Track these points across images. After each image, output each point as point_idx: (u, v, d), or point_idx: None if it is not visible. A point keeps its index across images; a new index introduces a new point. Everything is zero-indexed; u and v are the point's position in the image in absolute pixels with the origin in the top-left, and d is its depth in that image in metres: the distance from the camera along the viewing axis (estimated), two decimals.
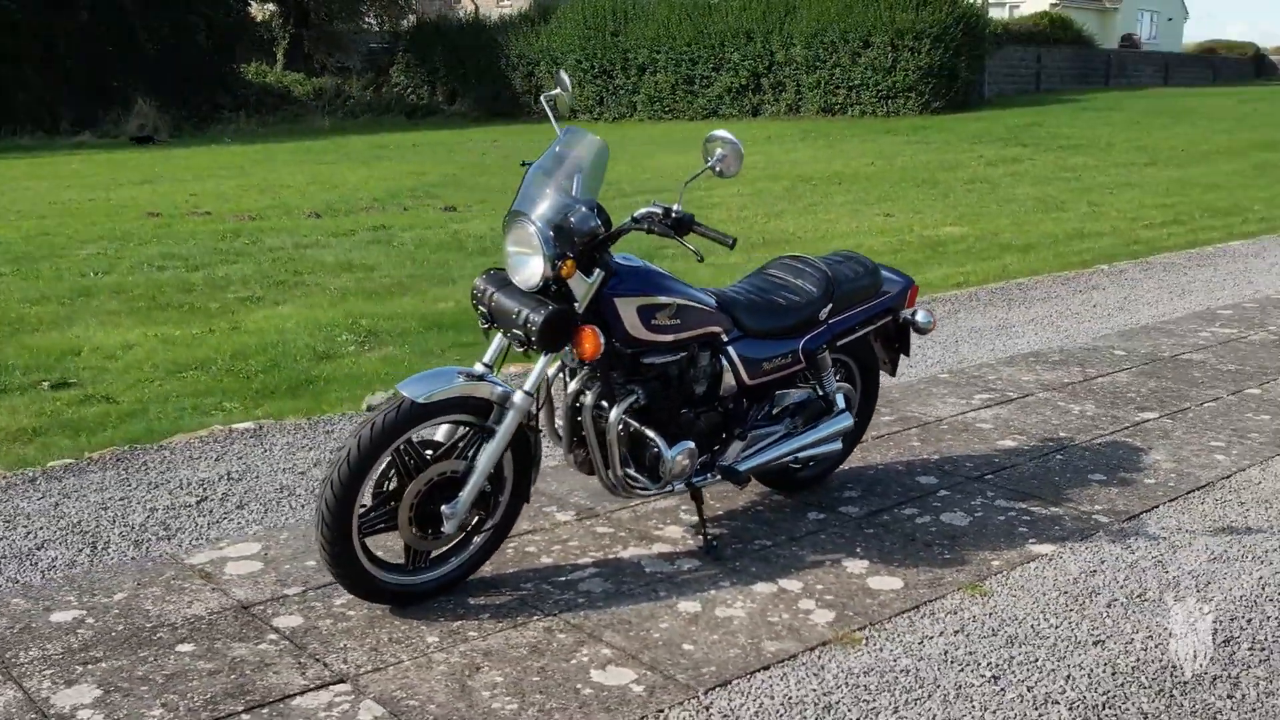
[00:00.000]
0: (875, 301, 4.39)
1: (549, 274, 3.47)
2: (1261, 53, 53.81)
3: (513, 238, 3.55)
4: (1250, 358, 6.56)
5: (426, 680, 3.17)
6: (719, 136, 3.62)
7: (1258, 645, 3.35)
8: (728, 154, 3.60)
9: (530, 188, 3.59)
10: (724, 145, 3.60)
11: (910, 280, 4.56)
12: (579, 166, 3.61)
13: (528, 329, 3.48)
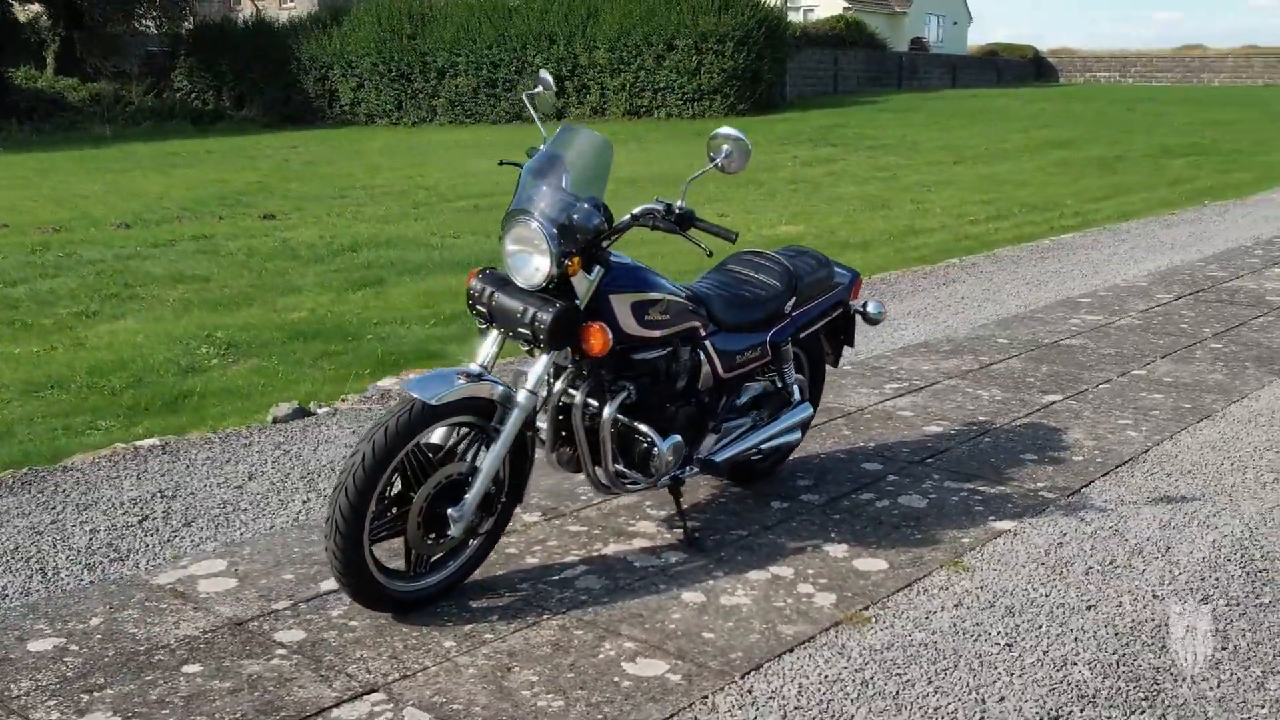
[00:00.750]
0: (831, 294, 4.62)
1: (554, 272, 3.54)
2: (1040, 55, 57.50)
3: (514, 236, 3.60)
4: (1123, 342, 7.12)
5: (461, 684, 3.20)
6: (724, 134, 3.77)
7: (1233, 601, 3.71)
8: (734, 150, 3.75)
9: (529, 186, 3.66)
10: (730, 142, 3.75)
11: (856, 273, 4.81)
12: (579, 163, 3.70)
13: (536, 328, 3.54)
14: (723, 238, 3.76)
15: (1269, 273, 9.46)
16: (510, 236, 3.61)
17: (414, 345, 7.37)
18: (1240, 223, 12.40)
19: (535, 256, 3.56)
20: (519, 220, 3.57)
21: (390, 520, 3.51)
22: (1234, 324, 7.54)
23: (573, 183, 3.65)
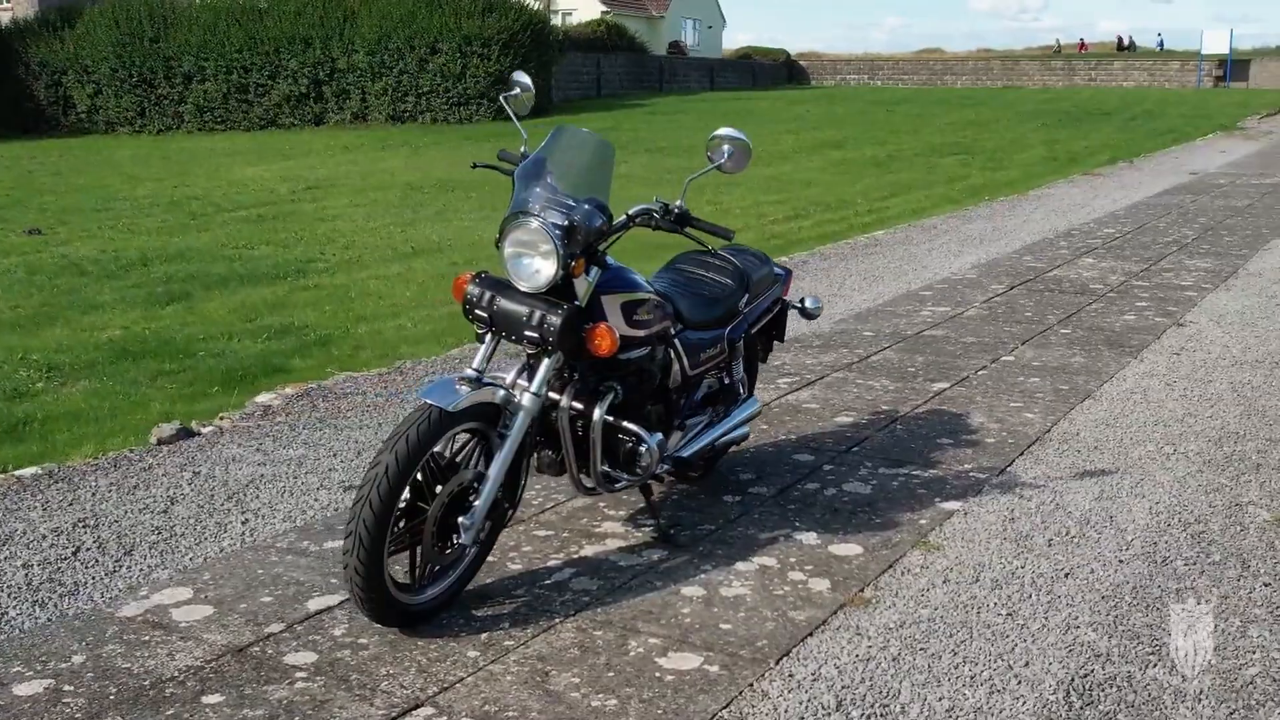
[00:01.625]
0: (772, 290, 4.83)
1: (560, 274, 3.60)
2: (791, 58, 59.96)
3: (517, 239, 3.62)
4: (980, 331, 7.64)
5: (505, 691, 3.23)
6: (725, 135, 3.90)
7: (1188, 560, 4.11)
8: (736, 150, 3.88)
9: (527, 188, 3.69)
10: (731, 143, 3.89)
11: (788, 270, 5.04)
12: (577, 164, 3.76)
13: (546, 331, 3.58)
14: (720, 235, 3.89)
15: (1081, 262, 10.28)
16: (512, 239, 3.63)
17: (255, 360, 7.19)
18: (1033, 217, 13.37)
19: (540, 259, 3.60)
20: (522, 222, 3.60)
21: (402, 532, 3.49)
22: (1072, 311, 8.18)
23: (571, 184, 3.71)
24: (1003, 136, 25.83)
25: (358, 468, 5.02)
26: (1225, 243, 11.27)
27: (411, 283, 9.86)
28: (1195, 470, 4.93)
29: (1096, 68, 54.58)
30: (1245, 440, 5.33)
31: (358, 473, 4.95)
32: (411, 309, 8.71)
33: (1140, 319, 7.89)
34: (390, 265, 10.98)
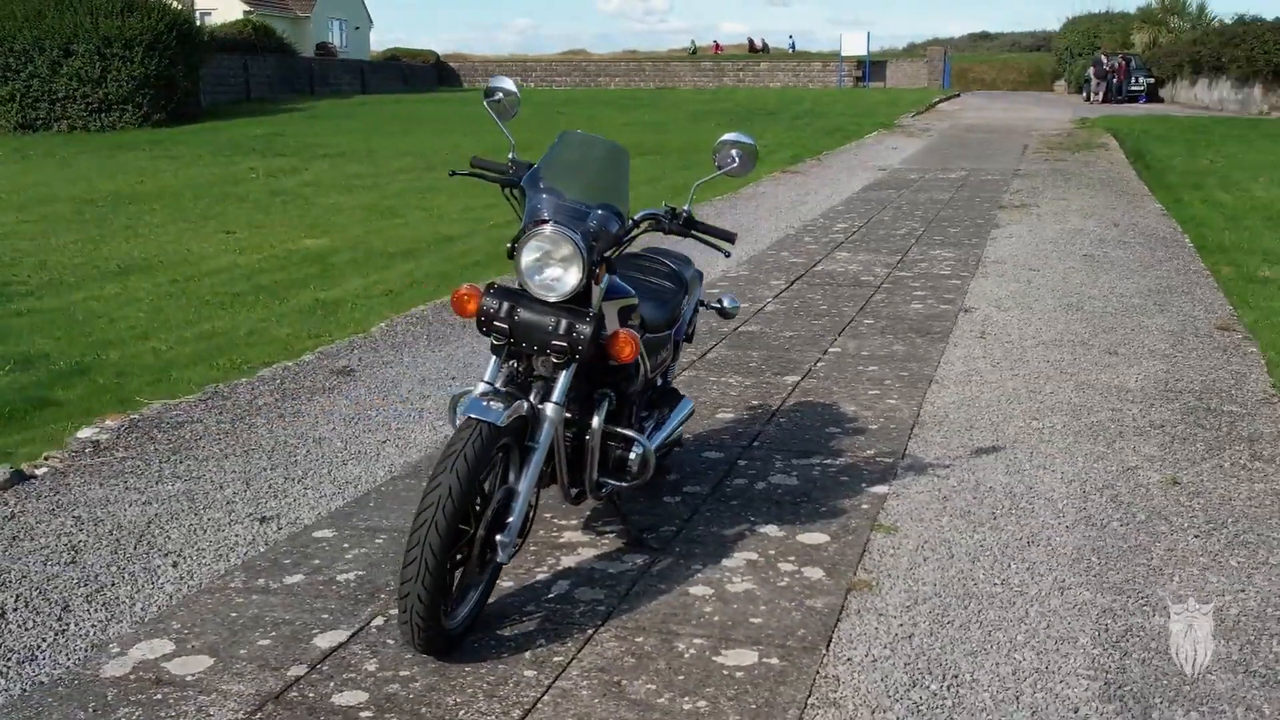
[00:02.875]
0: (698, 290, 4.99)
1: (584, 282, 3.63)
2: (441, 60, 59.88)
3: (540, 248, 3.61)
4: (790, 325, 8.07)
5: (591, 706, 3.26)
6: (731, 140, 4.01)
7: (1122, 522, 4.60)
8: (744, 155, 4.00)
9: (542, 197, 3.69)
10: (739, 147, 4.00)
11: (700, 270, 5.22)
12: (591, 170, 3.79)
13: (575, 340, 3.59)
14: (723, 238, 4.01)
15: (838, 256, 10.99)
16: (533, 248, 3.61)
17: (7, 394, 6.61)
18: (760, 215, 14.09)
19: (564, 267, 3.60)
20: (544, 231, 3.59)
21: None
22: (860, 302, 8.78)
23: (585, 190, 3.73)
24: (683, 137, 26.88)
25: (259, 498, 4.82)
26: (952, 234, 12.31)
27: (139, 303, 9.28)
28: (1072, 442, 5.47)
29: (744, 69, 57.64)
30: (1095, 412, 5.95)
31: (264, 504, 4.75)
32: (158, 331, 8.22)
33: (928, 307, 8.56)
34: (103, 285, 10.29)
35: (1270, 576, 4.09)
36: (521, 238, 3.63)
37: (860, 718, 3.22)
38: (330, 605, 3.85)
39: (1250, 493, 4.85)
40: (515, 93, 4.07)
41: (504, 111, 4.04)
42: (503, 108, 4.04)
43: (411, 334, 7.72)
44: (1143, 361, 6.95)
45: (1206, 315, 8.28)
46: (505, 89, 4.06)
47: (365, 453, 5.40)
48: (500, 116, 4.04)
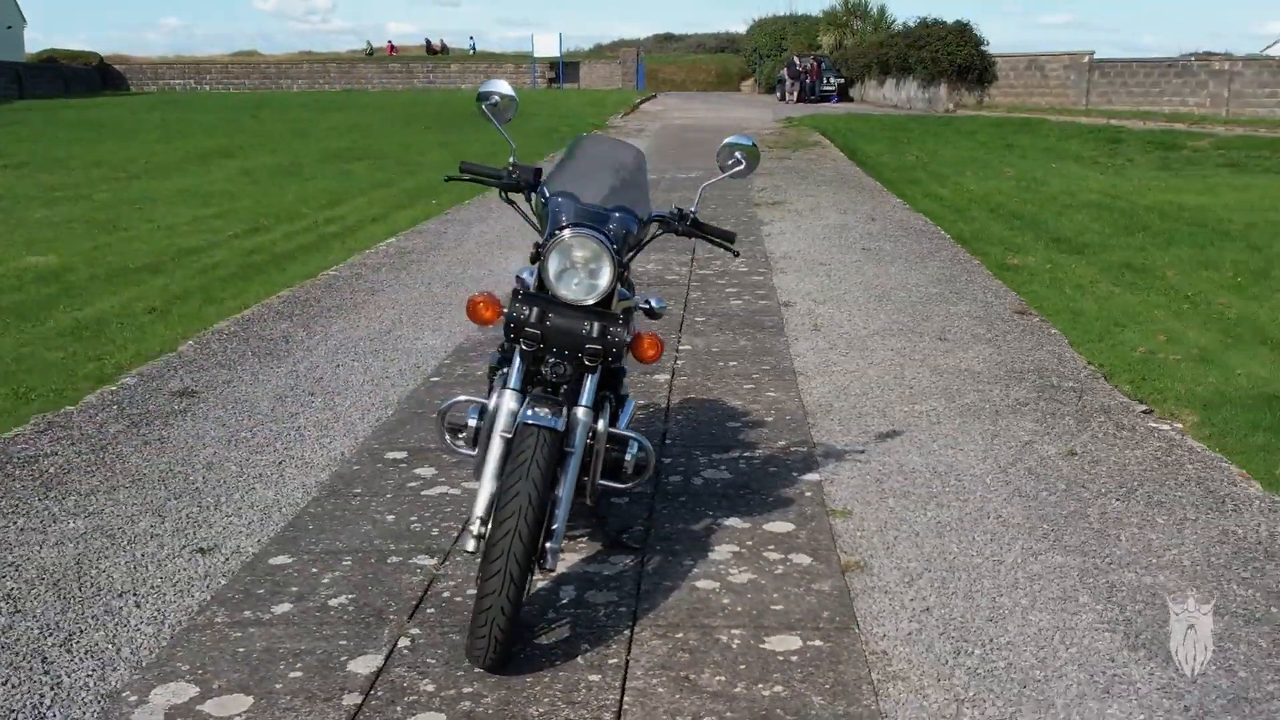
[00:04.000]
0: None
1: (614, 285, 3.71)
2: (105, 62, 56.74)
3: (571, 252, 3.65)
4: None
5: (677, 701, 3.37)
6: (735, 143, 4.12)
7: (1049, 491, 5.04)
8: (748, 158, 4.12)
9: (568, 201, 3.73)
10: (741, 150, 4.12)
11: None
12: (608, 172, 3.85)
13: (610, 343, 3.66)
14: (724, 238, 4.14)
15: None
16: (562, 251, 3.64)
17: None
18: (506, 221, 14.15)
19: (598, 271, 3.66)
20: (576, 234, 3.64)
21: None
22: (681, 301, 9.07)
23: (604, 193, 3.80)
24: (393, 140, 26.61)
25: (182, 529, 4.64)
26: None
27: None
28: (961, 422, 5.92)
29: (434, 70, 57.41)
30: (962, 394, 6.44)
31: (191, 534, 4.58)
32: None
33: (748, 304, 8.94)
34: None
35: (1197, 529, 4.59)
36: (551, 242, 3.66)
37: (927, 686, 3.44)
38: (341, 631, 3.77)
39: (1138, 458, 5.39)
40: (512, 96, 4.07)
41: (500, 115, 4.04)
42: (499, 111, 4.04)
43: (234, 351, 7.46)
44: (973, 346, 7.51)
45: (999, 301, 9.00)
46: (501, 92, 4.07)
47: (266, 475, 5.23)
48: (497, 120, 4.03)
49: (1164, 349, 7.65)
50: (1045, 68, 38.87)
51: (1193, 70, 35.52)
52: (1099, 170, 21.61)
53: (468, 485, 5.08)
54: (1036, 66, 39.13)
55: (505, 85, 4.12)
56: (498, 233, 12.70)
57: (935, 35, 38.71)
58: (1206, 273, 10.54)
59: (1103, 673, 3.54)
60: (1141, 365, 7.18)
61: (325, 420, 6.02)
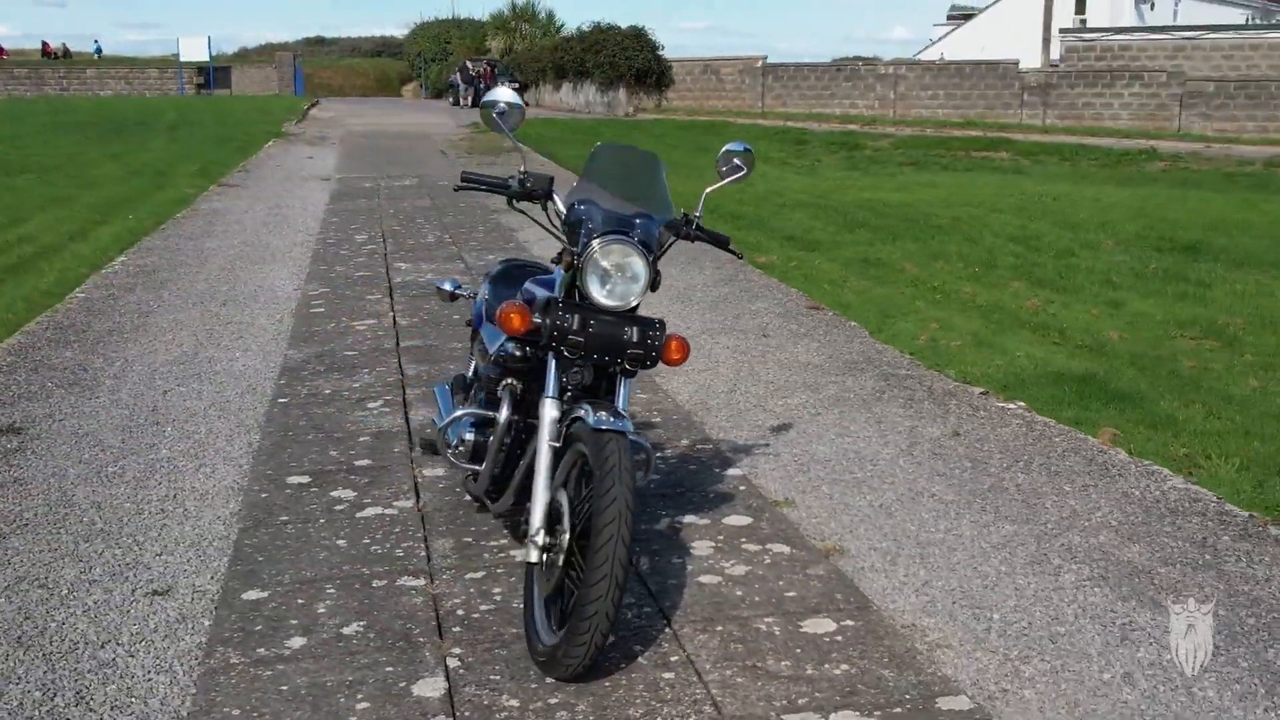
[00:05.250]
0: None
1: (647, 290, 3.85)
2: None
3: (610, 258, 3.73)
4: (441, 336, 8.30)
5: (763, 688, 3.57)
6: (734, 149, 4.27)
7: (961, 468, 5.49)
8: (746, 163, 4.28)
9: (594, 210, 3.81)
10: (739, 156, 4.27)
11: None
12: (630, 179, 3.95)
13: (650, 347, 3.79)
14: (719, 243, 4.30)
15: (400, 268, 11.20)
16: (604, 257, 3.72)
17: None
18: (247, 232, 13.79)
19: (636, 277, 3.76)
20: (612, 242, 3.72)
21: None
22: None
23: (629, 199, 3.90)
24: (53, 152, 25.01)
25: (117, 572, 4.44)
26: (484, 239, 12.92)
27: None
28: (841, 412, 6.34)
29: (68, 76, 54.25)
30: (822, 387, 6.87)
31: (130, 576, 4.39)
32: None
33: None
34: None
35: (1104, 493, 5.15)
36: (587, 251, 3.72)
37: (973, 650, 3.78)
38: (379, 659, 3.74)
39: (1011, 434, 5.94)
40: (519, 104, 4.11)
41: (507, 123, 4.07)
42: (509, 119, 4.07)
43: (32, 383, 7.01)
44: (798, 341, 7.98)
45: (788, 298, 9.55)
46: (509, 100, 4.09)
47: (170, 510, 5.04)
48: (511, 128, 4.06)
49: (941, 336, 8.34)
50: (720, 72, 40.66)
51: (860, 74, 38.04)
52: (793, 171, 22.92)
53: (399, 505, 5.05)
54: (712, 71, 40.88)
55: (510, 93, 4.15)
56: (236, 247, 12.33)
57: (611, 40, 39.77)
58: (938, 264, 11.48)
59: (1113, 622, 3.96)
60: (932, 352, 7.80)
61: (191, 449, 5.81)
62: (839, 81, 37.96)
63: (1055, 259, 11.92)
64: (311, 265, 11.24)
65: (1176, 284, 10.91)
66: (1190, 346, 8.40)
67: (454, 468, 4.42)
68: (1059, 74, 34.88)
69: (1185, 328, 9.03)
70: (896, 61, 39.50)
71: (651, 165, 4.10)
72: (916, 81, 36.47)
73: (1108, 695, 3.53)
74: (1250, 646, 3.81)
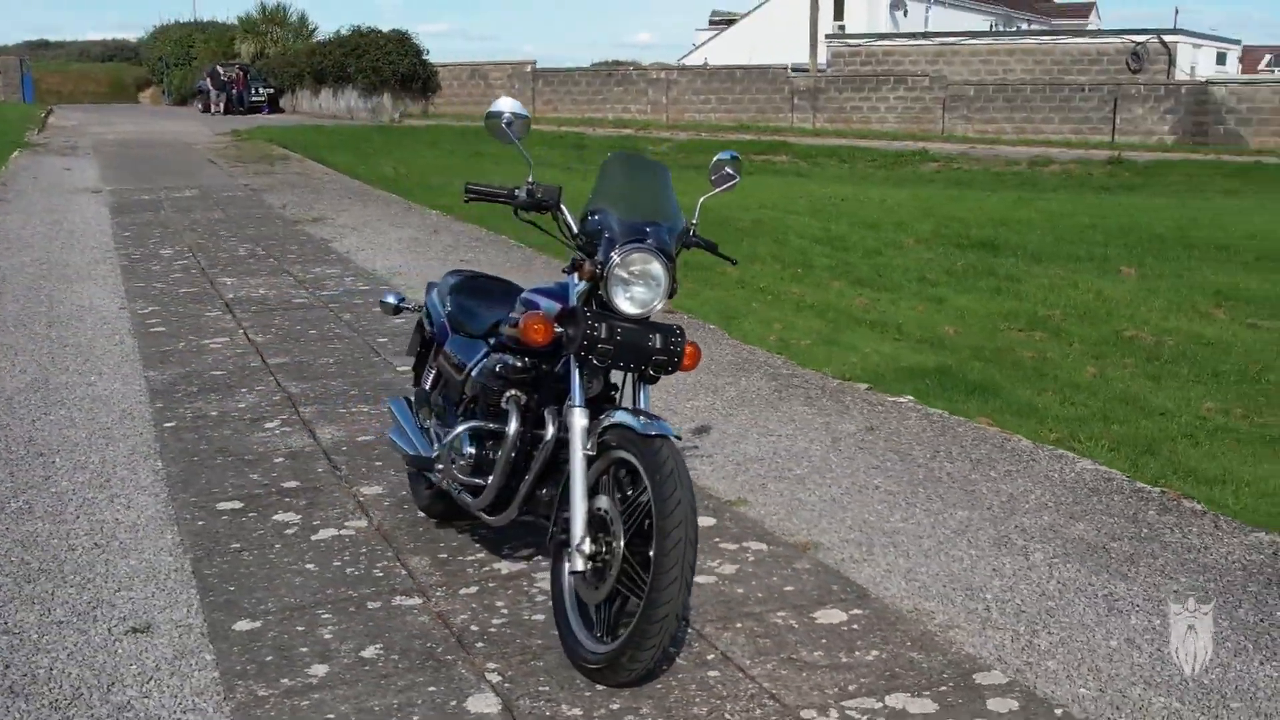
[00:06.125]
0: None
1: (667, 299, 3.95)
2: None
3: (635, 267, 3.81)
4: (311, 349, 8.18)
5: (811, 678, 3.75)
6: (724, 159, 4.37)
7: (892, 460, 5.79)
8: (734, 168, 4.37)
9: (620, 216, 3.88)
10: (730, 164, 4.38)
11: None
12: (645, 189, 4.03)
13: (674, 353, 3.90)
14: (712, 246, 4.42)
15: (226, 282, 10.92)
16: (630, 266, 3.80)
17: None
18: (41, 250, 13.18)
19: (657, 285, 3.85)
20: (636, 252, 3.80)
21: None
22: (340, 324, 9.06)
23: (644, 209, 3.98)
24: None
25: (82, 612, 4.28)
26: (300, 251, 12.66)
27: None
28: (752, 412, 6.57)
29: None
30: (721, 389, 7.10)
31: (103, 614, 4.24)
32: None
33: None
34: None
35: (1027, 477, 5.54)
36: (611, 261, 3.80)
37: (982, 627, 4.03)
38: (416, 679, 3.75)
39: (920, 426, 6.30)
40: (525, 114, 4.14)
41: (516, 133, 4.10)
42: (514, 129, 4.10)
43: None
44: None
45: None
46: (515, 111, 4.11)
47: (104, 544, 4.88)
48: (516, 137, 4.09)
49: (789, 336, 8.71)
50: (489, 76, 40.65)
51: (632, 79, 38.64)
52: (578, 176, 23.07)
53: (352, 525, 5.02)
54: (480, 75, 40.82)
55: (515, 104, 4.18)
56: (33, 265, 11.80)
57: (374, 44, 39.24)
58: (756, 266, 11.90)
59: (1096, 595, 4.30)
60: (786, 351, 8.13)
61: (93, 480, 5.61)
62: (610, 86, 38.49)
63: (865, 258, 12.50)
64: (127, 283, 10.84)
65: (987, 279, 11.61)
66: (1021, 338, 8.98)
67: (455, 483, 4.42)
68: (827, 79, 36.27)
69: (1010, 320, 9.64)
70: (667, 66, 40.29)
71: (660, 174, 4.19)
72: (689, 86, 37.31)
73: (1122, 659, 3.83)
74: (1222, 608, 4.17)
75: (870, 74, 35.93)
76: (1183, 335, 9.10)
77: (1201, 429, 6.65)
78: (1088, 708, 3.56)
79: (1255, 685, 3.69)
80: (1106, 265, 12.57)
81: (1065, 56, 35.94)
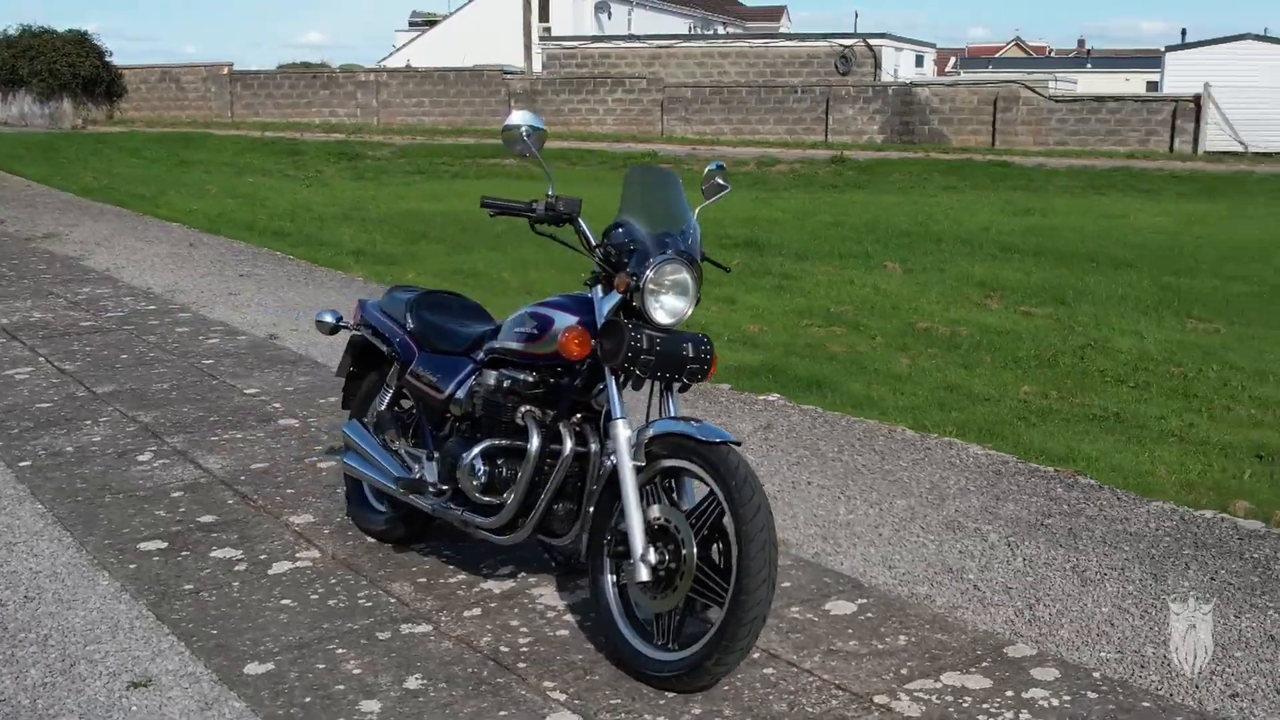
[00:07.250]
0: None
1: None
2: None
3: (666, 277, 3.91)
4: (126, 375, 7.88)
5: (843, 671, 3.98)
6: (714, 169, 4.47)
7: (801, 454, 6.09)
8: (726, 180, 4.49)
9: (646, 227, 3.98)
10: (720, 174, 4.48)
11: None
12: (661, 200, 4.13)
13: (705, 360, 4.02)
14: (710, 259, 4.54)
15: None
16: (661, 277, 3.89)
17: None
18: None
19: (687, 295, 3.97)
20: (669, 263, 3.91)
21: None
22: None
23: (664, 220, 4.09)
24: None
25: (65, 671, 4.07)
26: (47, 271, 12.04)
27: None
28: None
29: None
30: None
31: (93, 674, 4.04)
32: None
33: (241, 342, 8.83)
34: None
35: (934, 465, 5.95)
36: (645, 272, 3.89)
37: (981, 603, 4.37)
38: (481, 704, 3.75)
39: (814, 423, 6.66)
40: (541, 126, 4.16)
41: (535, 144, 4.12)
42: (532, 140, 4.12)
43: None
44: None
45: None
46: (531, 124, 4.13)
47: (33, 598, 4.64)
48: (537, 150, 4.12)
49: None
50: (181, 79, 39.05)
51: (339, 82, 37.92)
52: (300, 183, 22.81)
53: (305, 556, 4.95)
54: (172, 78, 39.17)
55: (531, 115, 4.19)
56: None
57: (50, 45, 37.07)
58: (533, 272, 12.09)
59: (1064, 567, 4.72)
60: None
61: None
62: (316, 89, 37.67)
63: None
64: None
65: (765, 278, 12.17)
66: (824, 334, 9.50)
67: (469, 504, 4.39)
68: (544, 81, 36.58)
69: (806, 317, 10.18)
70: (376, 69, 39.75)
71: (675, 184, 4.29)
72: (400, 89, 36.93)
73: (1121, 621, 4.25)
74: (1174, 569, 4.63)
75: (588, 76, 36.49)
76: (973, 325, 9.81)
77: (1030, 411, 7.23)
78: (1116, 669, 3.90)
79: (1243, 637, 4.13)
80: (870, 261, 13.35)
81: (777, 59, 37.48)
